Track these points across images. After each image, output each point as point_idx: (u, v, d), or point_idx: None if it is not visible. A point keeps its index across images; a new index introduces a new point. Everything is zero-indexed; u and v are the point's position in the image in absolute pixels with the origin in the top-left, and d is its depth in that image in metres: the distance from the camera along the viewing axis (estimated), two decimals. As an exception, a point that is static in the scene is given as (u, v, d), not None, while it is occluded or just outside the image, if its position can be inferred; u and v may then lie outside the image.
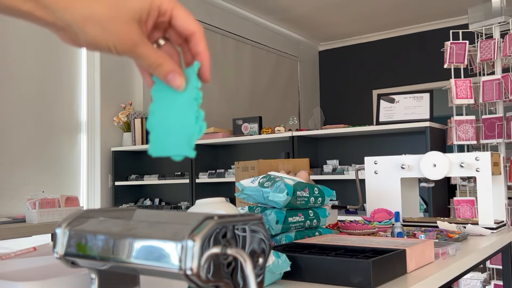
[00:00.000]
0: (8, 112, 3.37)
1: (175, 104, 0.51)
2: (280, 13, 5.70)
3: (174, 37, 0.53)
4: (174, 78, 0.50)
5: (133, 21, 0.48)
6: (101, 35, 0.47)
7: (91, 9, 0.47)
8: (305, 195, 1.10)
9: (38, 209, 2.64)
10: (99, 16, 0.47)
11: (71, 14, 0.46)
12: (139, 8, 0.48)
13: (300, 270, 0.84)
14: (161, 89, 0.52)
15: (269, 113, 5.58)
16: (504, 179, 1.67)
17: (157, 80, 0.53)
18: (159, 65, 0.50)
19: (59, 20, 0.46)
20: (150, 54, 0.50)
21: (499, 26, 3.19)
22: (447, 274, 0.97)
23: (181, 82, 0.51)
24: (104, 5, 0.47)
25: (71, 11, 0.46)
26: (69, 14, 0.46)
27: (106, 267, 0.53)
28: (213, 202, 0.89)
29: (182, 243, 0.45)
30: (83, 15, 0.46)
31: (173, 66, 0.51)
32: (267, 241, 0.53)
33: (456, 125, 3.14)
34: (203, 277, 0.45)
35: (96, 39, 0.47)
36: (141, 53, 0.49)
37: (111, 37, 0.47)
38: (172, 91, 0.51)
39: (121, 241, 0.50)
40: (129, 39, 0.48)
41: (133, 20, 0.48)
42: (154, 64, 0.50)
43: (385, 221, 1.45)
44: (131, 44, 0.48)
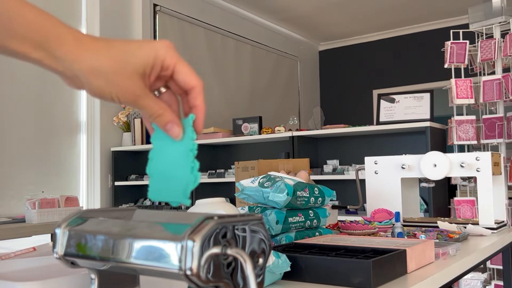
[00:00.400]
0: (8, 112, 3.37)
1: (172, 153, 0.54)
2: (280, 13, 5.70)
3: (175, 88, 0.55)
4: (173, 128, 0.53)
5: (137, 75, 0.51)
6: (106, 87, 0.50)
7: (98, 62, 0.49)
8: (305, 195, 1.09)
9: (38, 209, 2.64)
10: (105, 69, 0.49)
11: (79, 65, 0.49)
12: (144, 63, 0.51)
13: (300, 270, 0.84)
14: (160, 137, 0.55)
15: (269, 113, 5.58)
16: (504, 179, 1.66)
17: (157, 128, 0.55)
18: (159, 115, 0.53)
19: (67, 70, 0.49)
20: (151, 105, 0.52)
21: (499, 26, 3.19)
22: (448, 274, 0.96)
23: (178, 132, 0.53)
24: (110, 59, 0.50)
25: (79, 63, 0.49)
26: (77, 65, 0.49)
27: (106, 267, 0.53)
28: (213, 202, 0.89)
29: (182, 243, 0.45)
30: (90, 67, 0.49)
31: (172, 117, 0.53)
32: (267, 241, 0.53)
33: (457, 125, 3.14)
34: (203, 278, 0.45)
35: (100, 90, 0.50)
36: (143, 104, 0.52)
37: (115, 89, 0.50)
38: (170, 140, 0.54)
39: (121, 241, 0.50)
40: (132, 92, 0.51)
41: (137, 74, 0.51)
42: (154, 115, 0.53)
43: (385, 221, 1.45)
44: (133, 96, 0.51)
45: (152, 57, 0.51)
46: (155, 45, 0.52)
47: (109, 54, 0.50)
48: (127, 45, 0.51)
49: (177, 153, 0.54)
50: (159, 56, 0.52)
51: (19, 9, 0.47)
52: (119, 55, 0.50)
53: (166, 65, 0.52)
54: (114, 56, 0.50)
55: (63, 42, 0.49)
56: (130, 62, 0.50)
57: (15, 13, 0.47)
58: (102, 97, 0.51)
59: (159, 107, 0.53)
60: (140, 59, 0.51)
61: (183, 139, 0.54)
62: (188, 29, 4.78)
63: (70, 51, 0.49)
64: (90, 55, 0.49)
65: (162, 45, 0.52)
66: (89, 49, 0.50)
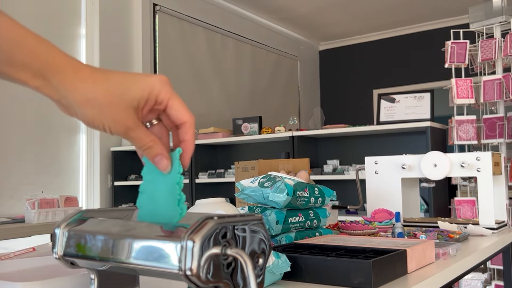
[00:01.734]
0: (7, 112, 3.37)
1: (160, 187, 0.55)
2: (280, 13, 5.70)
3: (166, 122, 0.57)
4: (161, 160, 0.54)
5: (131, 109, 0.52)
6: (99, 117, 0.51)
7: (93, 93, 0.51)
8: (305, 195, 1.09)
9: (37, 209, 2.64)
10: (99, 101, 0.51)
11: (74, 96, 0.50)
12: (138, 97, 0.52)
13: (300, 270, 0.84)
14: (150, 171, 0.56)
15: (269, 113, 5.58)
16: (505, 179, 1.66)
17: (147, 162, 0.56)
18: (149, 147, 0.54)
19: (63, 99, 0.51)
20: (142, 138, 0.53)
21: (500, 25, 3.19)
22: (448, 275, 0.96)
23: (167, 165, 0.54)
24: (106, 92, 0.51)
25: (74, 93, 0.50)
26: (72, 96, 0.50)
27: (106, 268, 0.53)
28: (213, 202, 0.88)
29: (181, 243, 0.45)
30: (85, 98, 0.50)
31: (162, 150, 0.54)
32: (267, 242, 0.53)
33: (457, 125, 3.14)
34: (203, 278, 0.45)
35: (93, 120, 0.51)
36: (134, 136, 0.53)
37: (107, 120, 0.51)
38: (159, 174, 0.55)
39: (120, 241, 0.50)
40: (123, 124, 0.52)
41: (131, 108, 0.52)
42: (144, 147, 0.54)
43: (385, 222, 1.45)
44: (125, 128, 0.52)
45: (147, 92, 0.53)
46: (151, 80, 0.53)
47: (105, 86, 0.51)
48: (124, 78, 0.53)
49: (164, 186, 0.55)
50: (153, 91, 0.53)
51: (21, 38, 0.49)
52: (115, 88, 0.52)
53: (160, 100, 0.54)
54: (110, 89, 0.51)
55: (61, 72, 0.50)
56: (125, 95, 0.52)
57: (17, 42, 0.48)
58: (94, 127, 0.52)
59: (149, 139, 0.54)
60: (135, 93, 0.52)
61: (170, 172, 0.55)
62: (188, 29, 4.78)
63: (66, 81, 0.50)
64: (86, 86, 0.51)
65: (158, 80, 0.54)
66: (86, 80, 0.51)
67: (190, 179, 3.88)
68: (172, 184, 0.54)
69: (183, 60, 4.68)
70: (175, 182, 0.54)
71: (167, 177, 0.55)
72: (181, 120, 0.55)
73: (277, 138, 3.67)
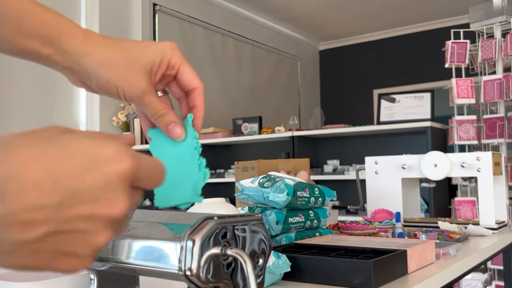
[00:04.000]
0: (7, 112, 3.36)
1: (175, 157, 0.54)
2: (280, 13, 5.70)
3: (175, 90, 0.56)
4: (175, 128, 0.54)
5: (145, 72, 0.52)
6: (113, 80, 0.50)
7: (106, 56, 0.50)
8: (305, 195, 1.09)
9: (38, 209, 2.64)
10: (113, 63, 0.50)
11: (88, 59, 0.50)
12: (152, 60, 0.52)
13: (300, 270, 0.83)
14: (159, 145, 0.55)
15: (269, 113, 5.57)
16: (505, 179, 1.66)
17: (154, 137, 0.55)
18: (163, 114, 0.53)
19: (75, 63, 0.50)
20: (156, 103, 0.53)
21: (500, 25, 3.18)
22: (448, 275, 0.96)
23: (181, 133, 0.54)
24: (120, 54, 0.51)
25: (88, 57, 0.50)
26: (84, 59, 0.50)
27: (105, 268, 0.53)
28: (212, 202, 0.88)
29: (181, 243, 0.45)
30: (98, 61, 0.50)
31: (175, 117, 0.54)
32: (267, 242, 0.52)
33: (457, 125, 3.14)
34: (202, 278, 0.44)
35: (107, 84, 0.51)
36: (148, 101, 0.52)
37: (121, 83, 0.51)
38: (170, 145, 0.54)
39: (120, 241, 0.50)
40: (138, 86, 0.51)
41: (145, 71, 0.52)
42: (158, 113, 0.53)
43: (385, 222, 1.45)
44: (140, 92, 0.51)
45: (159, 56, 0.52)
46: (163, 45, 0.53)
47: (118, 50, 0.51)
48: (135, 43, 0.53)
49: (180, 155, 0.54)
50: (166, 55, 0.53)
51: (30, 8, 0.49)
52: (128, 51, 0.52)
53: (172, 64, 0.53)
54: (123, 51, 0.51)
55: (73, 37, 0.50)
56: (138, 59, 0.52)
57: (26, 11, 0.49)
58: (107, 91, 0.51)
59: (163, 106, 0.53)
60: (148, 57, 0.52)
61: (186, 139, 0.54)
62: (188, 29, 4.78)
63: (79, 45, 0.50)
64: (99, 49, 0.50)
65: (169, 46, 0.54)
66: (98, 44, 0.51)
67: (190, 179, 3.87)
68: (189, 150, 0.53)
69: (183, 60, 4.68)
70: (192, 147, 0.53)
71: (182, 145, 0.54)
72: (192, 85, 0.55)
73: (277, 138, 3.67)
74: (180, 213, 0.52)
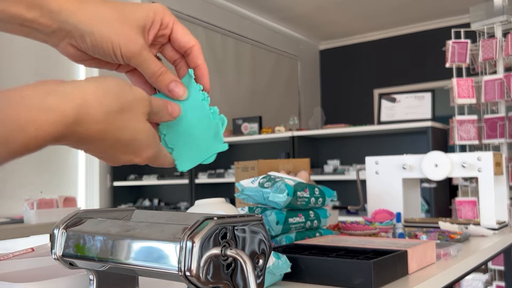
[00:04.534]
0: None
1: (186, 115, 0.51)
2: (280, 12, 5.70)
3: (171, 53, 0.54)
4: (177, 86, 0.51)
5: (139, 27, 0.49)
6: (108, 35, 0.48)
7: (98, 11, 0.47)
8: (305, 195, 1.09)
9: (36, 210, 2.64)
10: (108, 17, 0.48)
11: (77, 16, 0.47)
12: (145, 16, 0.50)
13: (300, 271, 0.83)
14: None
15: (269, 113, 5.57)
16: (506, 179, 1.66)
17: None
18: (162, 73, 0.51)
19: (64, 23, 0.47)
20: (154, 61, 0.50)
21: (501, 25, 3.18)
22: (449, 275, 0.96)
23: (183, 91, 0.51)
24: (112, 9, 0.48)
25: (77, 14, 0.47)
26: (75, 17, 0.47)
27: (105, 268, 0.52)
28: (212, 202, 0.88)
29: (181, 244, 0.45)
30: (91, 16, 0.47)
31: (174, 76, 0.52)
32: (267, 242, 0.52)
33: (458, 125, 3.13)
34: (202, 279, 0.44)
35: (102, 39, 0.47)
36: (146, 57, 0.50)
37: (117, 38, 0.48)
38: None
39: (119, 242, 0.50)
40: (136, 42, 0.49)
41: (139, 27, 0.49)
42: (157, 73, 0.51)
43: (386, 222, 1.44)
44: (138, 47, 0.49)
45: (152, 13, 0.50)
46: (153, 5, 0.52)
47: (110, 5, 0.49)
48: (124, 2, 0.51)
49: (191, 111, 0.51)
50: (158, 13, 0.51)
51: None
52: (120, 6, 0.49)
53: (165, 23, 0.52)
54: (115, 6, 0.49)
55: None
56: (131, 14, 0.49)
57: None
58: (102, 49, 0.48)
59: (161, 64, 0.51)
60: (141, 13, 0.50)
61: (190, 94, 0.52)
62: (188, 29, 4.76)
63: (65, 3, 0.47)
64: (90, 5, 0.48)
65: (160, 5, 0.52)
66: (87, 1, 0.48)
67: (189, 180, 3.87)
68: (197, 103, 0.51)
69: (184, 60, 4.68)
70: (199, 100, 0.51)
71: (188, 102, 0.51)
72: (189, 43, 0.53)
73: (277, 138, 3.66)
74: (180, 213, 0.52)
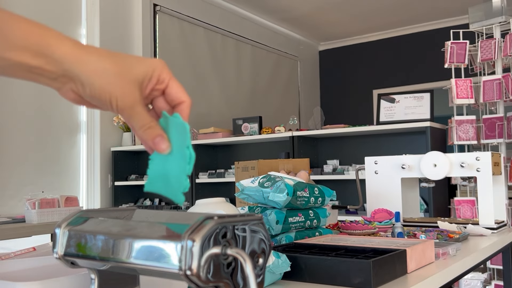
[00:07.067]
0: (8, 112, 3.37)
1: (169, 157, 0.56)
2: (280, 13, 5.70)
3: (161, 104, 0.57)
4: (161, 141, 0.55)
5: (137, 83, 0.53)
6: (107, 87, 0.51)
7: (100, 63, 0.51)
8: (305, 195, 1.09)
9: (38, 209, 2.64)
10: (108, 70, 0.51)
11: (80, 66, 0.50)
12: (143, 73, 0.53)
13: (300, 270, 0.84)
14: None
15: (269, 113, 5.57)
16: (504, 179, 1.66)
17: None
18: (150, 127, 0.54)
19: (68, 71, 0.50)
20: (145, 115, 0.54)
21: (499, 25, 3.19)
22: (448, 274, 0.96)
23: (167, 147, 0.55)
24: (113, 63, 0.52)
25: (80, 64, 0.50)
26: (78, 66, 0.50)
27: (106, 267, 0.53)
28: (213, 202, 0.88)
29: (182, 243, 0.45)
30: (93, 67, 0.51)
31: (161, 131, 0.55)
32: (267, 241, 0.53)
33: (457, 125, 3.14)
34: (203, 278, 0.45)
35: (100, 91, 0.51)
36: (139, 111, 0.53)
37: (115, 90, 0.51)
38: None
39: (120, 241, 0.50)
40: (132, 96, 0.52)
41: (137, 82, 0.53)
42: (146, 126, 0.54)
43: (385, 221, 1.45)
44: (132, 101, 0.52)
45: (151, 69, 0.54)
46: (153, 60, 0.55)
47: (112, 59, 0.52)
48: (127, 56, 0.54)
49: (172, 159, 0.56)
50: (156, 70, 0.55)
51: (13, 22, 0.49)
52: (121, 61, 0.53)
53: (162, 79, 0.55)
54: (117, 61, 0.52)
55: (63, 45, 0.50)
56: (131, 69, 0.53)
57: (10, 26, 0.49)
58: (100, 100, 0.51)
59: (151, 119, 0.55)
60: (140, 69, 0.53)
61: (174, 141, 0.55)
62: (188, 29, 4.78)
63: (71, 53, 0.50)
64: (93, 58, 0.51)
65: (159, 61, 0.56)
66: (92, 52, 0.51)
67: (190, 179, 3.87)
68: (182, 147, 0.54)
69: (183, 60, 4.68)
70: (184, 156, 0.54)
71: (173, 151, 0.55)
72: (181, 99, 0.56)
73: (277, 138, 3.67)
74: (180, 213, 0.52)
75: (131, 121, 0.54)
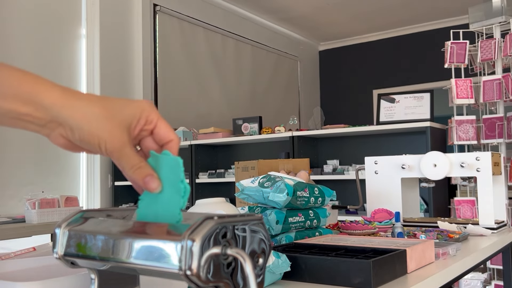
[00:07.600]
0: (8, 112, 3.36)
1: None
2: (280, 13, 5.70)
3: (149, 144, 0.58)
4: (151, 180, 0.55)
5: (125, 126, 0.54)
6: (96, 131, 0.52)
7: (90, 108, 0.52)
8: (305, 195, 1.09)
9: (38, 209, 2.64)
10: (97, 115, 0.52)
11: (69, 111, 0.51)
12: (132, 114, 0.55)
13: (300, 270, 0.84)
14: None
15: (269, 113, 5.58)
16: (504, 179, 1.66)
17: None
18: (140, 167, 0.55)
19: (56, 117, 0.51)
20: (134, 156, 0.55)
21: (499, 26, 3.19)
22: (448, 274, 0.96)
23: (157, 185, 0.55)
24: (102, 107, 0.53)
25: (69, 109, 0.51)
26: (67, 112, 0.51)
27: (106, 267, 0.53)
28: (213, 202, 0.88)
29: (182, 243, 0.45)
30: (82, 112, 0.52)
31: (151, 171, 0.55)
32: (267, 241, 0.53)
33: (457, 125, 3.14)
34: (203, 278, 0.45)
35: (89, 135, 0.52)
36: (127, 153, 0.54)
37: (104, 134, 0.52)
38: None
39: (120, 241, 0.50)
40: (119, 139, 0.53)
41: (125, 125, 0.54)
42: (135, 166, 0.55)
43: (385, 221, 1.45)
44: (121, 144, 0.53)
45: (139, 111, 0.55)
46: (142, 102, 0.56)
47: (101, 103, 0.53)
48: (116, 99, 0.55)
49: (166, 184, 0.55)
50: (145, 111, 0.56)
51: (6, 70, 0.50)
52: (110, 105, 0.54)
53: (150, 120, 0.56)
54: (105, 105, 0.53)
55: (52, 92, 0.51)
56: (120, 112, 0.54)
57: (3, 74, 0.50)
58: (89, 143, 0.52)
59: (140, 159, 0.55)
60: (129, 111, 0.54)
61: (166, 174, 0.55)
62: (188, 29, 4.78)
63: (60, 99, 0.51)
64: (82, 103, 0.52)
65: (147, 103, 0.57)
66: (81, 98, 0.53)
67: (190, 179, 3.88)
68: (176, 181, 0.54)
69: (183, 60, 4.68)
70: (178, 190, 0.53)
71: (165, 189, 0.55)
72: (169, 138, 0.57)
73: (277, 138, 3.67)
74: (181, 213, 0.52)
75: (121, 163, 0.54)
